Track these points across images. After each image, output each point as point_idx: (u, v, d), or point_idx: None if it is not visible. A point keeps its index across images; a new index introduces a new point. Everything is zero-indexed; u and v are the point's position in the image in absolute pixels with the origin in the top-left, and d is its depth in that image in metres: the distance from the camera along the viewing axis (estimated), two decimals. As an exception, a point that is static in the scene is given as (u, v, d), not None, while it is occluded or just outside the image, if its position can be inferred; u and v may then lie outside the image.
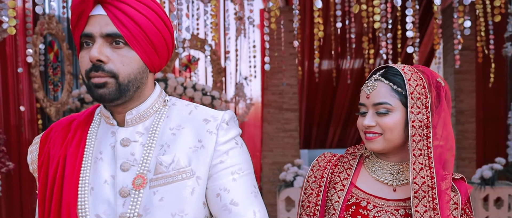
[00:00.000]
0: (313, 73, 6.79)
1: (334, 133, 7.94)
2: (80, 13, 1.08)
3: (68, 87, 4.65)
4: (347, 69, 6.34)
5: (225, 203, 1.13)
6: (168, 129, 1.16)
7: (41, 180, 1.17)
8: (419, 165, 1.28)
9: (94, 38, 1.08)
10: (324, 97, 7.39)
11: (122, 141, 1.15)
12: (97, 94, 1.10)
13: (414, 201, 1.27)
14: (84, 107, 4.19)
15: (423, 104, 1.29)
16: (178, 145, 1.13)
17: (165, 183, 1.10)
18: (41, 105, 4.13)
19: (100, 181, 1.13)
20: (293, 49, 5.53)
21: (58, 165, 1.15)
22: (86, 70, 1.09)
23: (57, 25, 4.45)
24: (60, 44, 4.57)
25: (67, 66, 4.66)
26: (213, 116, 1.17)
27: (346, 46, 4.93)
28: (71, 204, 1.10)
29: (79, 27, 1.09)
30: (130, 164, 1.13)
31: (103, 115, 1.20)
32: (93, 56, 1.06)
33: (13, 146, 3.62)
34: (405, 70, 1.32)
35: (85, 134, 1.18)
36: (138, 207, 1.09)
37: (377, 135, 1.33)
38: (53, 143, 1.19)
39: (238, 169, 1.15)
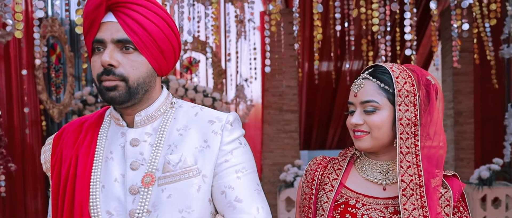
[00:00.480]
0: (313, 75, 6.85)
1: (334, 134, 7.99)
2: (92, 20, 1.14)
3: (70, 89, 4.71)
4: (346, 70, 6.38)
5: (230, 200, 1.18)
6: (175, 130, 1.21)
7: (54, 179, 1.22)
8: (407, 163, 1.27)
9: (106, 43, 1.14)
10: (323, 99, 7.45)
11: (132, 141, 1.20)
12: (108, 96, 1.15)
13: (402, 199, 1.26)
14: (86, 109, 4.24)
15: (412, 102, 1.28)
16: (185, 145, 1.19)
17: (172, 181, 1.15)
18: (44, 107, 4.18)
19: (111, 179, 1.18)
20: (293, 51, 5.59)
21: (71, 165, 1.20)
22: (97, 74, 1.15)
23: (59, 27, 4.50)
24: (62, 47, 4.62)
25: (69, 68, 4.71)
26: (218, 117, 1.22)
27: (345, 48, 4.99)
28: (83, 201, 1.16)
29: (91, 33, 1.15)
30: (139, 163, 1.18)
31: (113, 116, 1.25)
32: (104, 61, 1.12)
33: (17, 147, 3.67)
34: (394, 69, 1.32)
35: (96, 135, 1.24)
36: (147, 204, 1.14)
37: (365, 133, 1.32)
38: (65, 144, 1.25)
39: (242, 168, 1.21)
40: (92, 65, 1.17)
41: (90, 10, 1.13)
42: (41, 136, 4.16)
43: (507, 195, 4.60)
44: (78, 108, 4.18)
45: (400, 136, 1.27)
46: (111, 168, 1.20)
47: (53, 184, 1.22)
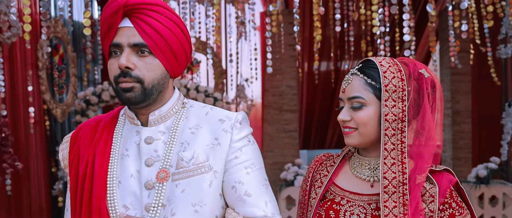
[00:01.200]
0: (313, 75, 6.91)
1: (333, 133, 8.05)
2: (110, 26, 1.20)
3: (73, 89, 4.76)
4: (346, 70, 6.44)
5: (240, 194, 1.25)
6: (187, 128, 1.28)
7: (72, 175, 1.28)
8: (391, 160, 1.25)
9: (122, 47, 1.20)
10: (323, 99, 7.51)
11: (146, 139, 1.26)
12: (125, 97, 1.21)
13: (384, 196, 1.24)
14: (90, 109, 4.29)
15: (400, 98, 1.25)
16: (197, 142, 1.25)
17: (186, 176, 1.22)
18: (47, 107, 4.23)
19: (127, 175, 1.25)
20: (293, 51, 5.65)
21: (88, 162, 1.26)
22: (114, 76, 1.21)
23: (62, 28, 4.56)
24: (65, 47, 4.68)
25: (72, 69, 4.76)
26: (228, 116, 1.29)
27: (344, 49, 5.05)
28: (101, 196, 1.22)
29: (108, 38, 1.21)
30: (154, 160, 1.25)
31: (128, 116, 1.32)
32: (122, 64, 1.18)
33: (21, 146, 3.72)
34: (382, 63, 1.29)
35: (111, 133, 1.30)
36: (162, 198, 1.21)
37: (353, 129, 1.30)
38: (82, 142, 1.31)
39: (251, 164, 1.28)
40: (109, 68, 1.24)
41: (107, 16, 1.19)
42: (45, 136, 4.22)
43: (504, 193, 4.67)
44: (81, 108, 4.23)
45: (384, 132, 1.25)
46: (127, 164, 1.26)
47: (71, 180, 1.28)
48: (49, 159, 4.29)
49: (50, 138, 4.29)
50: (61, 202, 4.26)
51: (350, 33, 4.42)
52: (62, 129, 4.53)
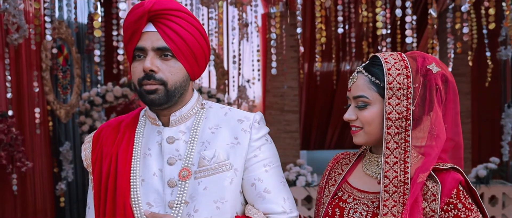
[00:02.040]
0: (313, 76, 6.95)
1: (333, 134, 8.10)
2: (134, 30, 1.25)
3: (77, 90, 4.79)
4: (346, 71, 6.49)
5: (259, 191, 1.31)
6: (207, 128, 1.33)
7: (96, 174, 1.33)
8: (394, 159, 1.23)
9: (146, 51, 1.26)
10: (323, 99, 7.55)
11: (168, 139, 1.32)
12: (148, 99, 1.27)
13: (384, 195, 1.23)
14: (94, 110, 4.32)
15: (404, 95, 1.22)
16: (217, 142, 1.31)
17: (208, 174, 1.27)
18: (51, 108, 4.26)
19: (150, 174, 1.30)
20: (295, 52, 5.69)
21: (111, 161, 1.31)
22: (138, 78, 1.27)
23: (66, 29, 4.59)
24: (69, 48, 4.70)
25: (76, 70, 4.79)
26: (246, 117, 1.35)
27: (346, 49, 5.09)
28: (125, 194, 1.27)
29: (132, 42, 1.27)
30: (176, 159, 1.30)
31: (149, 116, 1.37)
32: (146, 67, 1.24)
33: (27, 147, 3.75)
34: (388, 59, 1.26)
35: (133, 134, 1.36)
36: (185, 196, 1.26)
37: (359, 128, 1.30)
38: (105, 142, 1.36)
39: (269, 162, 1.33)
40: (132, 71, 1.29)
41: (132, 21, 1.25)
42: (49, 136, 4.25)
43: (504, 193, 4.72)
44: (86, 108, 4.27)
45: (387, 131, 1.23)
46: (149, 163, 1.31)
47: (95, 179, 1.33)
48: (52, 159, 4.32)
49: (53, 138, 4.32)
50: (63, 202, 4.29)
51: (351, 34, 4.47)
52: (66, 129, 4.56)
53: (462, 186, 1.23)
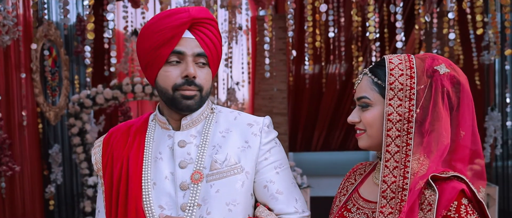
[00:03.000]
0: (301, 78, 7.01)
1: (319, 136, 8.17)
2: (174, 35, 1.27)
3: (66, 92, 4.75)
4: (333, 74, 6.57)
5: (272, 192, 1.35)
6: (218, 132, 1.37)
7: (107, 178, 1.35)
8: (394, 163, 1.17)
9: (185, 56, 1.29)
10: (310, 102, 7.62)
11: (179, 142, 1.34)
12: (184, 104, 1.30)
13: (381, 201, 1.18)
14: (84, 112, 4.29)
15: (407, 96, 1.18)
16: (228, 145, 1.34)
17: (220, 177, 1.31)
18: (41, 110, 4.23)
19: (162, 177, 1.32)
20: (283, 55, 5.75)
21: (123, 165, 1.34)
22: (176, 83, 1.29)
23: (55, 31, 4.55)
24: (58, 50, 4.67)
25: (65, 72, 4.75)
26: (255, 121, 1.39)
27: (335, 52, 5.16)
28: (137, 197, 1.29)
29: (169, 45, 1.28)
30: (187, 162, 1.33)
31: (159, 120, 1.40)
32: (191, 73, 1.28)
33: (15, 149, 3.72)
34: (392, 60, 1.23)
35: (143, 138, 1.38)
36: (197, 198, 1.29)
37: (362, 131, 1.26)
38: (115, 146, 1.39)
39: (280, 164, 1.37)
40: (165, 75, 1.30)
41: (173, 26, 1.27)
42: (38, 139, 4.21)
43: (488, 194, 4.83)
44: (75, 111, 4.24)
45: (387, 133, 1.18)
46: (161, 167, 1.33)
47: (106, 183, 1.35)
48: (41, 162, 4.28)
49: (43, 140, 4.29)
50: (53, 205, 4.25)
51: (340, 38, 4.54)
52: (55, 132, 4.53)
53: (467, 199, 1.13)
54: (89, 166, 4.29)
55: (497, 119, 4.51)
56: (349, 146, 8.29)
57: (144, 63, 1.33)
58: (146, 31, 1.30)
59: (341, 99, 7.56)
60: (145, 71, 1.35)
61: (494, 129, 4.51)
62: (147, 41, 1.29)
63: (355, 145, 8.22)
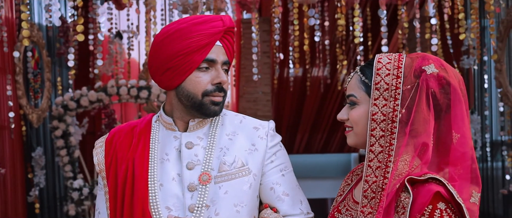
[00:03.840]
0: (283, 81, 7.05)
1: (301, 139, 8.23)
2: (208, 42, 1.30)
3: (48, 94, 4.69)
4: (317, 77, 6.63)
5: (278, 194, 1.39)
6: (224, 135, 1.39)
7: (111, 179, 1.36)
8: (377, 163, 1.17)
9: (215, 64, 1.32)
10: (293, 105, 7.68)
11: (187, 144, 1.37)
12: (213, 110, 1.34)
13: (363, 201, 1.18)
14: (67, 114, 4.25)
15: (392, 96, 1.17)
16: (235, 148, 1.38)
17: (228, 179, 1.34)
18: (24, 112, 4.17)
19: (169, 178, 1.34)
20: (267, 58, 5.79)
21: (128, 166, 1.34)
22: (206, 89, 1.32)
23: (38, 32, 4.50)
24: (40, 52, 4.61)
25: (47, 73, 4.69)
26: (261, 125, 1.44)
27: (319, 56, 5.22)
28: (144, 199, 1.30)
29: (203, 52, 1.30)
30: (195, 164, 1.35)
31: (165, 121, 1.41)
32: (225, 81, 1.33)
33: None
34: (382, 60, 1.22)
35: (148, 139, 1.39)
36: (206, 199, 1.31)
37: (350, 128, 1.28)
38: (119, 147, 1.39)
39: (284, 167, 1.42)
40: (195, 81, 1.32)
41: (209, 34, 1.29)
42: (21, 141, 4.15)
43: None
44: (59, 113, 4.19)
45: (371, 133, 1.18)
46: (167, 168, 1.35)
47: (110, 184, 1.36)
48: (25, 165, 4.22)
49: (26, 143, 4.22)
50: (38, 209, 4.20)
51: (325, 41, 4.59)
52: (37, 134, 4.47)
53: (444, 202, 1.11)
54: (73, 169, 4.25)
55: (476, 121, 4.62)
56: (331, 148, 8.37)
57: (165, 66, 1.31)
58: (173, 35, 1.30)
59: (323, 102, 7.64)
60: (163, 74, 1.33)
61: (474, 132, 4.62)
62: (176, 45, 1.29)
63: (337, 148, 8.31)
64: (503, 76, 4.12)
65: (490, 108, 4.60)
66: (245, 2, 4.49)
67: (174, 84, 1.33)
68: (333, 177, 7.99)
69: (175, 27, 1.31)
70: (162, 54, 1.31)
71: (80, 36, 2.58)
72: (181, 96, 1.34)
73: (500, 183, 4.68)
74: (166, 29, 1.34)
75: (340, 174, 8.16)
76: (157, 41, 1.34)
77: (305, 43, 3.27)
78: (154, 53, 1.34)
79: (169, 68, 1.31)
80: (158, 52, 1.33)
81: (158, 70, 1.35)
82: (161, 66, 1.33)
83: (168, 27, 1.34)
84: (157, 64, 1.33)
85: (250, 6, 4.44)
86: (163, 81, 1.36)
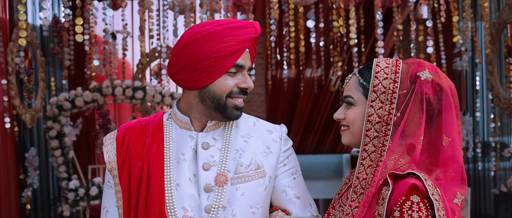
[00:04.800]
0: (277, 82, 7.08)
1: (294, 140, 8.26)
2: (241, 48, 1.30)
3: (42, 95, 4.66)
4: (310, 78, 6.66)
5: (290, 197, 1.41)
6: (239, 137, 1.40)
7: (124, 178, 1.34)
8: (369, 162, 1.23)
9: (243, 69, 1.33)
10: (286, 106, 7.70)
11: (203, 144, 1.36)
12: (235, 115, 1.35)
13: (352, 196, 1.25)
14: (62, 115, 4.23)
15: (388, 100, 1.23)
16: (251, 150, 1.38)
17: (245, 181, 1.35)
18: (17, 112, 4.14)
19: (185, 179, 1.34)
20: (261, 59, 5.80)
21: (143, 165, 1.33)
22: (232, 91, 1.32)
23: (31, 32, 4.47)
24: (34, 52, 4.58)
25: (41, 74, 4.67)
26: (274, 128, 1.45)
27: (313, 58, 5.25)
28: (161, 199, 1.29)
29: (234, 57, 1.29)
30: (211, 164, 1.35)
31: (180, 120, 1.39)
32: (251, 86, 1.35)
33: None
34: (380, 64, 1.27)
35: (162, 138, 1.38)
36: (222, 200, 1.32)
37: (346, 128, 1.32)
38: (132, 145, 1.37)
39: (295, 171, 1.45)
40: (224, 83, 1.32)
41: (243, 40, 1.29)
42: (14, 142, 4.12)
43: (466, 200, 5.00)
44: (53, 113, 4.17)
45: (365, 133, 1.24)
46: (183, 168, 1.35)
47: (123, 183, 1.34)
48: (18, 165, 4.19)
49: (19, 144, 4.20)
50: (31, 210, 4.17)
51: (319, 43, 4.62)
52: (31, 135, 4.44)
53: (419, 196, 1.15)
54: (67, 169, 4.23)
55: (468, 123, 4.68)
56: (323, 149, 8.41)
57: (195, 66, 1.29)
58: (209, 37, 1.28)
59: (316, 103, 7.67)
60: (190, 74, 1.31)
61: (466, 133, 4.67)
62: (211, 47, 1.27)
63: (329, 149, 8.35)
64: (495, 78, 4.17)
65: (481, 109, 4.65)
66: (240, 3, 4.50)
67: (201, 85, 1.31)
68: (326, 177, 8.03)
69: (210, 28, 1.29)
70: (193, 54, 1.29)
71: (79, 37, 2.57)
72: (205, 98, 1.32)
73: (492, 183, 4.73)
74: (199, 29, 1.30)
75: (332, 174, 8.20)
76: (188, 40, 1.30)
77: (301, 44, 3.28)
78: (183, 51, 1.31)
79: (199, 69, 1.29)
80: (189, 51, 1.30)
81: (184, 69, 1.31)
82: (190, 66, 1.30)
83: (201, 27, 1.31)
84: (185, 63, 1.30)
85: (245, 7, 4.45)
86: (187, 81, 1.33)
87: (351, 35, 3.19)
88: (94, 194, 3.94)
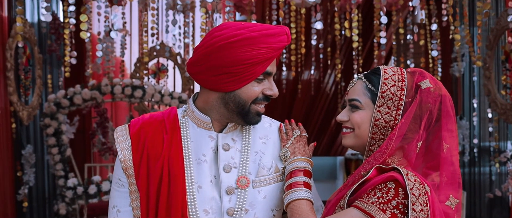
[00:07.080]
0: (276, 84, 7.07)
1: (290, 141, 8.26)
2: (273, 56, 1.28)
3: (39, 91, 4.62)
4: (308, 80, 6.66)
5: None
6: (258, 138, 1.39)
7: (142, 178, 1.29)
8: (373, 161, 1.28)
9: (270, 76, 1.32)
10: (283, 108, 7.70)
11: (224, 146, 1.34)
12: (256, 120, 1.33)
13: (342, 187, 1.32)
14: (60, 112, 4.20)
15: (395, 106, 1.28)
16: (270, 152, 1.38)
17: (267, 184, 1.34)
18: (14, 109, 4.10)
19: (206, 180, 1.31)
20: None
21: (163, 165, 1.28)
22: (257, 98, 1.30)
23: (30, 29, 4.44)
24: (32, 48, 4.54)
25: (38, 70, 4.63)
26: None
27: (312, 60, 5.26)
28: (183, 201, 1.27)
29: (265, 64, 1.27)
30: (231, 166, 1.33)
31: (199, 119, 1.35)
32: (277, 93, 1.32)
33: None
34: (387, 71, 1.32)
35: (179, 136, 1.34)
36: (245, 203, 1.30)
37: (350, 130, 1.35)
38: (149, 142, 1.32)
39: None
40: (251, 89, 1.29)
41: (276, 48, 1.27)
42: (11, 139, 4.07)
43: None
44: (51, 111, 4.14)
45: (372, 136, 1.30)
46: (205, 169, 1.32)
47: (141, 183, 1.29)
48: (14, 162, 4.15)
49: (16, 141, 4.15)
50: (26, 207, 4.13)
51: (319, 45, 4.63)
52: (27, 132, 4.40)
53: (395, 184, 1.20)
54: (64, 167, 4.19)
55: (465, 127, 4.70)
56: (318, 151, 8.42)
57: (225, 70, 1.25)
58: (244, 42, 1.23)
59: (312, 106, 7.68)
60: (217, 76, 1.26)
61: (462, 137, 4.70)
62: (245, 53, 1.22)
63: (324, 151, 8.36)
64: (492, 83, 4.21)
65: (478, 114, 4.68)
66: (241, 4, 4.49)
67: (227, 89, 1.27)
68: (320, 179, 8.03)
69: (245, 34, 1.24)
70: (225, 58, 1.23)
71: (83, 34, 2.55)
72: (229, 102, 1.28)
73: (487, 187, 4.77)
74: (233, 33, 1.24)
75: (326, 177, 8.20)
76: (220, 42, 1.24)
77: (302, 45, 3.29)
78: (213, 53, 1.25)
79: (228, 73, 1.24)
80: (220, 54, 1.24)
81: (210, 71, 1.26)
82: (218, 69, 1.25)
83: (235, 31, 1.25)
84: (213, 65, 1.25)
85: (246, 8, 4.45)
86: (211, 82, 1.28)
87: (354, 37, 3.20)
88: (92, 193, 3.91)
